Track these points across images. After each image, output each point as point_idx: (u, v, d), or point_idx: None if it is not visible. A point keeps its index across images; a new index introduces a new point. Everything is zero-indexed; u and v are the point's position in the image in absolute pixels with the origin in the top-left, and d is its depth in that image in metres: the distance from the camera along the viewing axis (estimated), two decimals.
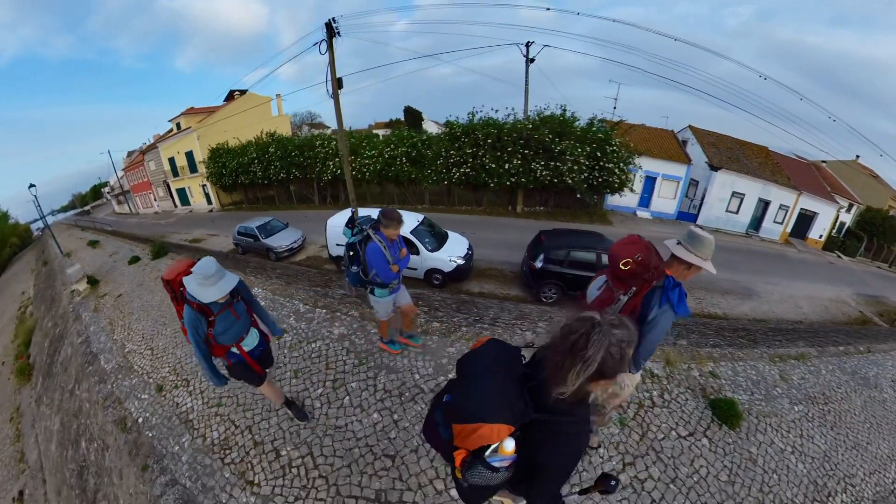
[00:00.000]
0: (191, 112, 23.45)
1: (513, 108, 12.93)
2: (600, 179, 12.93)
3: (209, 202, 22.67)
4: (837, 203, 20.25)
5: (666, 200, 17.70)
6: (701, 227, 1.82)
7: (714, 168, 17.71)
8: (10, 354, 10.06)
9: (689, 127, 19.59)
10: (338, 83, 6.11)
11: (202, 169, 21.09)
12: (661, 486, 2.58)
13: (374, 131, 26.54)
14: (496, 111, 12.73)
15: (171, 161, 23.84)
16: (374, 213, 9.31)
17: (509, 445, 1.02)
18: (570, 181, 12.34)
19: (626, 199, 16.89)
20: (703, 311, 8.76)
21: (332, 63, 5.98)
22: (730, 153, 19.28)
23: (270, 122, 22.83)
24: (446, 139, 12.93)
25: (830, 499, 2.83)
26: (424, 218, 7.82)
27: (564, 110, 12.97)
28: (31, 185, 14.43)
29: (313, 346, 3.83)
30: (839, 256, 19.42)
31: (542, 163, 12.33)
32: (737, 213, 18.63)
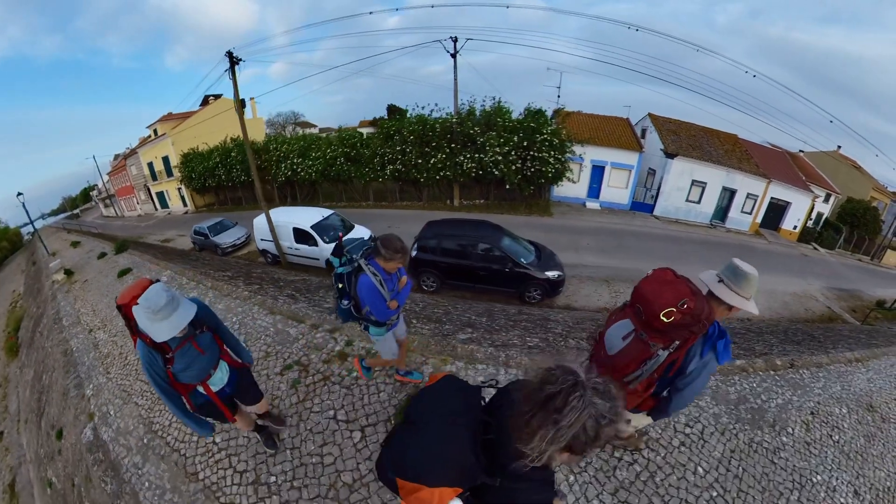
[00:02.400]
0: (168, 118, 26.40)
1: (436, 104, 14.72)
2: (532, 170, 14.08)
3: (185, 204, 25.58)
4: (812, 192, 20.22)
5: (617, 190, 18.12)
6: (742, 261, 1.73)
7: (670, 155, 17.84)
8: (0, 340, 12.85)
9: (649, 115, 20.05)
10: (241, 103, 8.37)
11: (177, 173, 24.03)
12: None
13: (359, 129, 29.00)
14: (422, 108, 14.56)
15: (150, 166, 26.88)
16: (299, 211, 11.47)
17: None
18: (497, 172, 13.76)
19: (573, 190, 17.72)
20: (604, 303, 8.62)
21: (235, 88, 8.23)
22: (692, 140, 19.31)
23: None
24: (380, 138, 14.92)
25: None
26: (332, 214, 10.04)
27: (498, 103, 14.42)
28: (19, 194, 17.41)
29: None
30: (815, 248, 19.53)
31: (469, 156, 13.88)
32: (699, 202, 18.72)
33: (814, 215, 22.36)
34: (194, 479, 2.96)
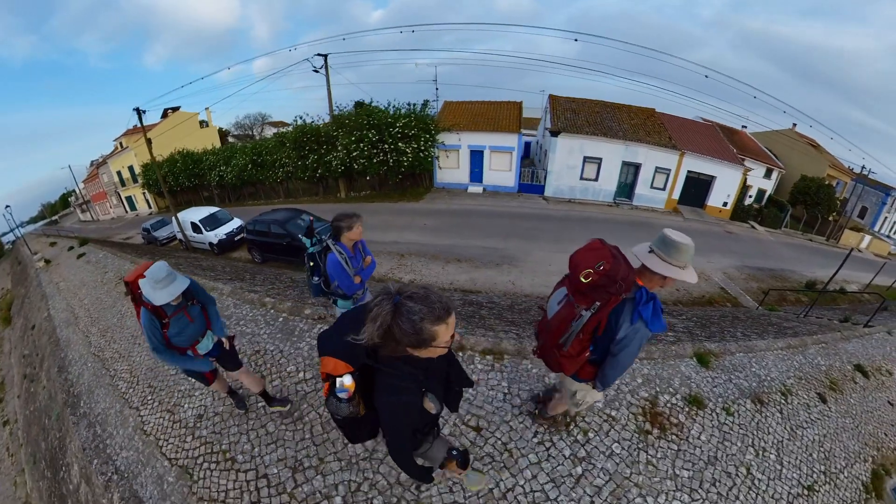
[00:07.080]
0: (133, 131, 33.43)
1: (307, 113, 20.14)
2: (392, 161, 18.02)
3: (149, 206, 32.69)
4: (743, 166, 20.46)
5: (501, 173, 20.21)
6: (674, 231, 1.90)
7: (554, 133, 19.27)
8: None
9: (549, 96, 22.09)
10: (148, 141, 14.41)
11: (140, 180, 31.14)
12: None
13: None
14: (301, 118, 19.69)
15: (119, 174, 33.97)
16: (197, 210, 18.40)
17: (347, 380, 1.53)
18: (356, 166, 18.41)
19: (455, 175, 20.47)
20: (380, 274, 10.27)
21: (144, 134, 14.27)
22: (591, 117, 20.56)
23: (200, 134, 32.50)
24: (278, 145, 20.61)
25: None
26: (219, 210, 16.12)
27: (367, 104, 18.82)
28: (7, 206, 24.65)
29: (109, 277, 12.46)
30: (752, 227, 20.33)
31: (335, 155, 18.73)
32: (596, 179, 20.14)
33: (754, 192, 23.67)
34: (73, 316, 8.98)
